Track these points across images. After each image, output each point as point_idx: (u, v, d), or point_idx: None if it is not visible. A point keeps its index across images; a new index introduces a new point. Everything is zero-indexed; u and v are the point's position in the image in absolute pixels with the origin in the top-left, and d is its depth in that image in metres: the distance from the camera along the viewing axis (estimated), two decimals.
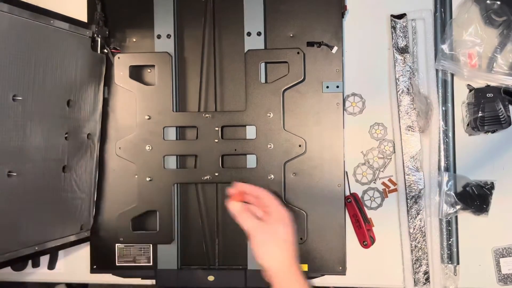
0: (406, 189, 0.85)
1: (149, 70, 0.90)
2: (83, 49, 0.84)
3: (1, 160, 0.67)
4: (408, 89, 0.85)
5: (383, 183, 0.88)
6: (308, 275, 0.86)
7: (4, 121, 0.67)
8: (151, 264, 0.89)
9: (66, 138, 0.81)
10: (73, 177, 0.83)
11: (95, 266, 0.90)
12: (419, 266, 0.85)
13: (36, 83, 0.73)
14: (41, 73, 0.74)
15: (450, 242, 0.85)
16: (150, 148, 0.87)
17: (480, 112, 0.81)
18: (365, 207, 0.88)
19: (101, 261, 0.90)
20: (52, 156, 0.78)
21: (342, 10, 0.86)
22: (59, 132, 0.79)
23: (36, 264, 0.90)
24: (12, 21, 0.68)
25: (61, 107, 0.79)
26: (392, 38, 0.86)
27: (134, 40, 0.90)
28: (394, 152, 0.87)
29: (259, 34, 0.86)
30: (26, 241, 0.74)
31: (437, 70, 0.85)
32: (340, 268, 0.85)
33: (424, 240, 0.85)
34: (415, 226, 0.85)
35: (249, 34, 0.86)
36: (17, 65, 0.69)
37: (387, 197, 0.87)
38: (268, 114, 0.85)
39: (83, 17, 0.89)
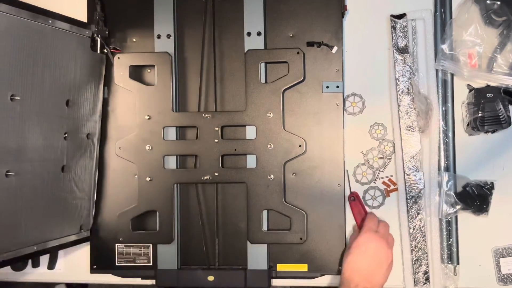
0: (406, 189, 0.86)
1: (149, 70, 0.91)
2: (82, 49, 0.84)
3: None
4: (408, 89, 0.86)
5: (384, 183, 0.88)
6: (308, 275, 0.87)
7: (1, 120, 0.68)
8: (151, 264, 0.90)
9: (65, 138, 0.82)
10: (72, 177, 0.84)
11: (95, 266, 0.91)
12: (419, 266, 0.86)
13: (34, 83, 0.73)
14: (39, 73, 0.74)
15: (450, 242, 0.86)
16: (150, 148, 0.88)
17: (480, 112, 0.82)
18: (367, 207, 0.88)
19: (101, 261, 0.91)
20: (51, 156, 0.79)
21: (342, 10, 0.87)
22: (58, 132, 0.80)
23: (36, 264, 0.91)
24: (11, 21, 0.69)
25: (60, 107, 0.80)
26: (392, 38, 0.86)
27: (134, 40, 0.91)
28: (394, 152, 0.88)
29: (259, 34, 0.87)
30: (25, 241, 0.75)
31: (437, 70, 0.86)
32: (340, 268, 0.86)
33: (424, 240, 0.86)
34: (415, 226, 0.86)
35: (249, 34, 0.87)
36: (16, 65, 0.70)
37: (389, 196, 0.88)
38: (268, 114, 0.86)
39: (83, 17, 0.90)
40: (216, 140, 0.87)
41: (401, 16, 0.87)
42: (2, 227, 0.71)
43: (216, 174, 0.87)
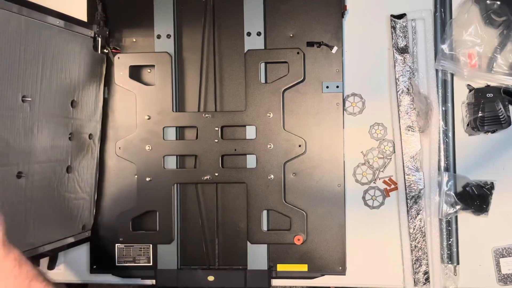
0: (406, 189, 0.91)
1: (149, 70, 0.96)
2: (85, 49, 0.90)
3: (12, 161, 0.73)
4: (408, 89, 0.91)
5: (384, 182, 0.93)
6: (308, 275, 0.93)
7: (14, 121, 0.74)
8: (151, 264, 0.96)
9: (70, 138, 0.87)
10: (76, 178, 0.89)
11: (95, 266, 0.97)
12: (419, 266, 0.91)
13: (43, 84, 0.79)
14: (47, 73, 0.80)
15: (450, 242, 0.91)
16: (150, 148, 0.93)
17: (480, 112, 0.87)
18: (367, 207, 0.93)
19: (101, 261, 0.97)
20: (57, 156, 0.85)
21: (342, 10, 0.93)
22: (64, 133, 0.86)
23: (36, 264, 0.95)
24: (21, 21, 0.74)
25: (65, 107, 0.86)
26: (392, 38, 0.92)
27: (134, 40, 0.97)
28: (394, 152, 0.93)
29: (259, 34, 0.93)
30: (33, 241, 0.81)
31: (437, 70, 0.92)
32: (340, 268, 0.92)
33: (424, 240, 0.91)
34: (415, 226, 0.91)
35: (249, 34, 0.93)
36: (26, 66, 0.76)
37: (389, 196, 0.93)
38: (268, 114, 0.91)
39: (82, 17, 0.95)
40: (216, 140, 0.92)
41: (401, 16, 0.92)
42: (14, 229, 0.76)
43: (216, 174, 0.92)
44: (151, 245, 0.96)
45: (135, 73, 0.96)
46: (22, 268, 0.55)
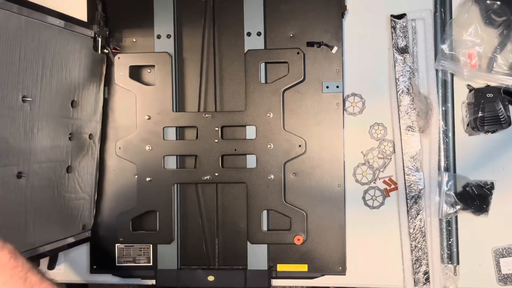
0: (406, 189, 0.91)
1: (149, 70, 0.97)
2: (85, 49, 0.91)
3: (12, 161, 0.74)
4: (408, 89, 0.91)
5: (384, 182, 0.94)
6: (308, 275, 0.94)
7: (14, 121, 0.75)
8: (151, 264, 0.96)
9: (70, 138, 0.88)
10: (76, 178, 0.90)
11: (95, 266, 0.98)
12: (419, 266, 0.91)
13: (43, 84, 0.80)
14: (48, 73, 0.81)
15: (450, 242, 0.92)
16: (150, 148, 0.94)
17: (480, 112, 0.88)
18: (367, 207, 0.94)
19: (101, 261, 0.98)
20: (57, 156, 0.85)
21: (342, 10, 0.93)
22: (64, 133, 0.87)
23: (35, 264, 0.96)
24: (21, 21, 0.75)
25: (66, 107, 0.87)
26: (392, 38, 0.92)
27: (134, 40, 0.97)
28: (394, 152, 0.93)
29: (259, 34, 0.93)
30: (33, 242, 0.82)
31: (437, 70, 0.92)
32: (340, 268, 0.92)
33: (424, 240, 0.91)
34: (415, 226, 0.91)
35: (249, 34, 0.94)
36: (26, 66, 0.76)
37: (389, 196, 0.93)
38: (268, 114, 0.92)
39: (82, 17, 0.96)
40: (216, 140, 0.93)
41: (401, 16, 0.92)
42: (14, 229, 0.77)
43: (216, 174, 0.92)
44: (151, 245, 0.96)
45: (135, 73, 0.96)
46: (18, 260, 0.58)
